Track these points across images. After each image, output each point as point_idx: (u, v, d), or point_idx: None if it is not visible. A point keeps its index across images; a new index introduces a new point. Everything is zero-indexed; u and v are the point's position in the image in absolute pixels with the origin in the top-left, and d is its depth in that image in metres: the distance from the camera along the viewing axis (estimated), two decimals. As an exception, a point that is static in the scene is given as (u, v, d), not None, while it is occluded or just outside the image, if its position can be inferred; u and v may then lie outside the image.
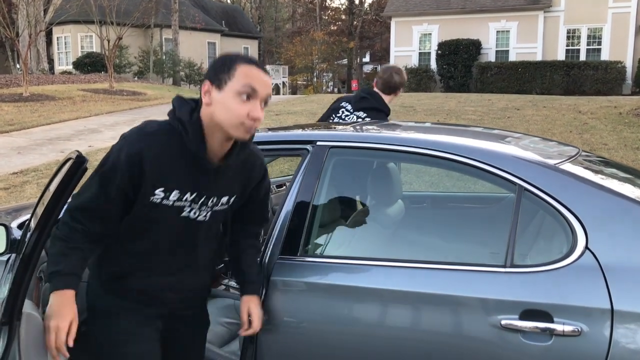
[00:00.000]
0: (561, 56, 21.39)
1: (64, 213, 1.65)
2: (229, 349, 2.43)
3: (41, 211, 1.81)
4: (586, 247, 1.67)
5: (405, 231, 2.64)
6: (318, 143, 2.14)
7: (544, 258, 1.77)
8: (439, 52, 21.87)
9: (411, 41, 23.13)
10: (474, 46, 21.58)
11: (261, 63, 1.60)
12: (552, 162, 1.91)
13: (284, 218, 2.05)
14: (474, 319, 1.70)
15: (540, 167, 1.87)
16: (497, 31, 22.13)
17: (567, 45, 21.59)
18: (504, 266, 1.73)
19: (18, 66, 28.20)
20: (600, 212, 1.73)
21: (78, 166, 1.59)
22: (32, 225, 2.05)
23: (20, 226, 2.55)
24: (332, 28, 44.71)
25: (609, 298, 1.59)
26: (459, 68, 21.50)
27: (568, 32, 21.54)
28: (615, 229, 1.69)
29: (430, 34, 22.99)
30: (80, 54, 27.13)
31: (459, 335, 1.71)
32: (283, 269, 1.98)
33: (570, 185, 1.80)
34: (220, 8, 36.63)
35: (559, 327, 1.60)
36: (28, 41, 18.64)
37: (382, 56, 41.16)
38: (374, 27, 42.55)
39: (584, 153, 2.29)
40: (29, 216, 2.39)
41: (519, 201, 1.80)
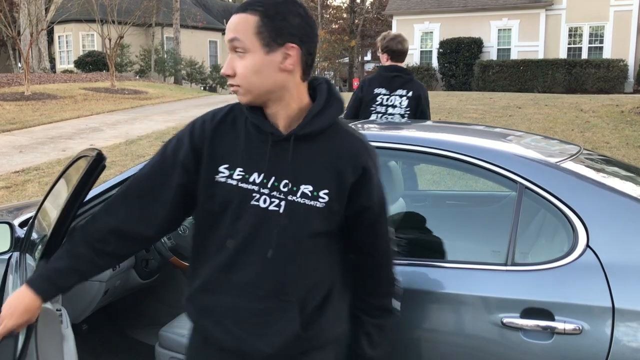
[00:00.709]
0: (563, 54, 21.36)
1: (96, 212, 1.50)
2: None
3: (54, 209, 1.81)
4: (587, 245, 1.67)
5: (406, 230, 2.64)
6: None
7: (545, 256, 1.77)
8: (441, 51, 21.86)
9: (412, 39, 23.09)
10: (476, 44, 21.57)
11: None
12: (554, 161, 1.91)
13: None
14: (475, 317, 1.70)
15: (541, 166, 1.87)
16: (499, 29, 22.11)
17: (569, 43, 21.56)
18: (505, 264, 1.73)
19: (20, 65, 28.24)
20: (601, 210, 1.73)
21: (97, 164, 1.57)
22: (44, 224, 2.05)
23: (22, 224, 2.56)
24: (334, 26, 44.70)
25: (610, 296, 1.59)
26: (461, 66, 21.49)
27: (570, 30, 21.51)
28: (616, 227, 1.69)
29: (431, 33, 22.97)
30: (81, 53, 27.17)
31: (460, 333, 1.72)
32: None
33: (571, 183, 1.80)
34: (221, 6, 36.62)
35: (560, 326, 1.60)
36: (29, 40, 18.67)
37: (384, 54, 41.12)
38: (376, 26, 42.53)
39: (586, 151, 2.28)
40: (33, 214, 2.39)
41: (520, 199, 1.80)
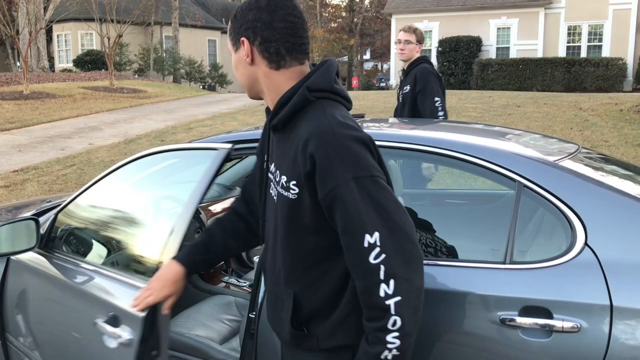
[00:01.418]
0: (562, 53, 21.37)
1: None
2: (230, 346, 2.44)
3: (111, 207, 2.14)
4: (585, 244, 1.68)
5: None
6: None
7: (544, 254, 1.77)
8: (440, 49, 21.86)
9: (412, 38, 23.06)
10: (475, 43, 21.58)
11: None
12: (552, 159, 1.92)
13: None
14: (474, 315, 1.70)
15: (540, 164, 1.87)
16: (498, 28, 22.11)
17: (568, 42, 21.57)
18: (504, 263, 1.73)
19: (18, 64, 28.22)
20: (599, 209, 1.73)
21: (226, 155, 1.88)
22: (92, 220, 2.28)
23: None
24: (333, 25, 44.68)
25: (608, 294, 1.59)
26: (460, 65, 21.50)
27: (569, 29, 21.51)
28: (614, 226, 1.70)
29: (430, 31, 22.96)
30: (80, 52, 27.14)
31: (459, 331, 1.72)
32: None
33: (570, 182, 1.80)
34: (220, 5, 36.59)
35: (558, 324, 1.60)
36: (28, 39, 18.65)
37: (383, 53, 41.13)
38: (375, 25, 42.52)
39: (584, 150, 2.29)
40: (57, 208, 2.37)
41: (519, 198, 1.80)
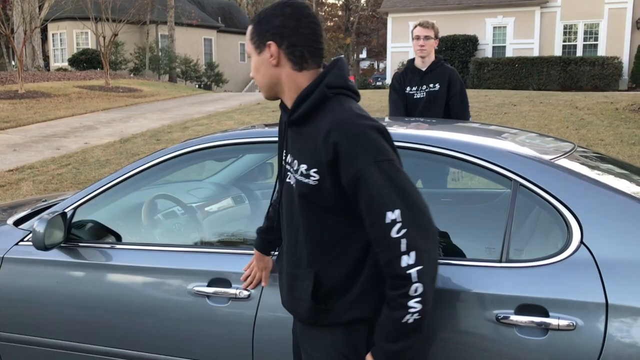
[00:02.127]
0: (558, 52, 21.41)
1: None
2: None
3: None
4: (581, 242, 1.68)
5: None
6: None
7: (540, 253, 1.78)
8: (436, 48, 21.82)
9: (408, 37, 23.06)
10: (471, 42, 21.59)
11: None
12: (548, 158, 1.92)
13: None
14: (470, 314, 1.70)
15: (535, 163, 1.87)
16: (494, 27, 22.14)
17: (564, 41, 21.61)
18: (500, 261, 1.74)
19: (13, 63, 28.10)
20: (595, 207, 1.73)
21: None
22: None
23: (16, 223, 2.54)
24: (329, 24, 44.67)
25: (604, 292, 1.60)
26: (456, 64, 21.50)
27: (565, 28, 21.55)
28: (610, 224, 1.70)
29: (426, 30, 22.95)
30: (75, 51, 27.04)
31: (455, 329, 1.72)
32: (275, 265, 1.98)
33: (565, 180, 1.81)
34: (216, 4, 36.52)
35: (554, 322, 1.61)
36: (23, 38, 18.58)
37: (379, 52, 41.15)
38: (371, 23, 42.53)
39: (580, 148, 2.29)
40: (70, 207, 2.35)
41: (515, 196, 1.81)
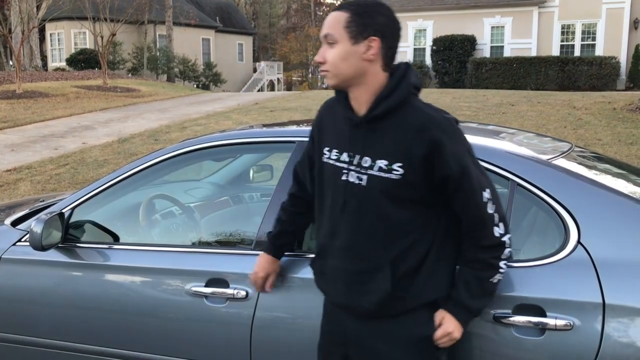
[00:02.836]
0: (556, 52, 21.43)
1: None
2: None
3: None
4: (578, 242, 1.69)
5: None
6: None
7: (537, 253, 1.78)
8: (434, 48, 21.88)
9: (406, 37, 23.10)
10: (469, 42, 21.60)
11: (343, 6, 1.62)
12: (545, 158, 1.92)
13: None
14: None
15: (533, 163, 1.88)
16: (492, 27, 22.14)
17: (562, 40, 21.63)
18: (497, 261, 1.74)
19: (11, 63, 28.05)
20: (592, 207, 1.74)
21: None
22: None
23: (14, 223, 2.54)
24: (327, 24, 44.58)
25: (601, 292, 1.60)
26: (454, 64, 21.53)
27: (562, 28, 21.58)
28: (607, 224, 1.71)
29: (424, 30, 22.98)
30: (73, 51, 26.98)
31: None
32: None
33: (563, 180, 1.81)
34: (214, 4, 36.49)
35: (552, 322, 1.61)
36: (21, 38, 18.53)
37: (377, 52, 41.10)
38: (369, 23, 42.45)
39: (578, 148, 2.30)
40: (67, 206, 2.35)
41: (512, 196, 1.81)
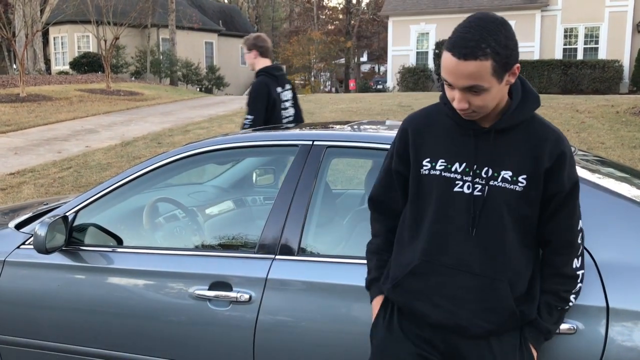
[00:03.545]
0: (558, 55, 21.43)
1: None
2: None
3: None
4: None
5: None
6: (316, 143, 2.15)
7: (541, 257, 1.77)
8: (437, 52, 21.89)
9: (408, 40, 23.14)
10: (472, 45, 21.60)
11: (464, 41, 1.37)
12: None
13: (281, 217, 2.05)
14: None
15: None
16: (495, 30, 22.13)
17: (565, 44, 21.63)
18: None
19: (15, 66, 28.15)
20: (596, 211, 1.73)
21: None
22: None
23: (18, 226, 2.54)
24: (330, 27, 44.73)
25: (605, 296, 1.60)
26: (457, 67, 21.53)
27: (565, 31, 21.58)
28: (611, 228, 1.70)
29: (427, 33, 23.00)
30: (77, 54, 27.06)
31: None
32: (280, 268, 1.98)
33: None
34: (217, 8, 36.58)
35: (555, 326, 1.61)
36: (24, 41, 18.60)
37: (380, 55, 41.18)
38: (372, 27, 42.57)
39: (581, 152, 2.30)
40: (72, 208, 2.36)
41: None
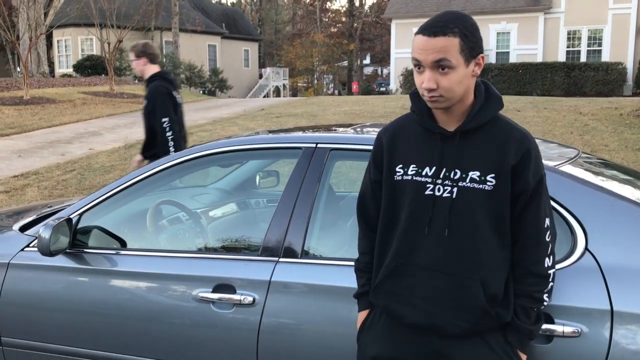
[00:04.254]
0: (562, 57, 21.41)
1: None
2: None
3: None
4: (586, 249, 1.68)
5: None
6: (319, 145, 2.15)
7: (544, 259, 1.77)
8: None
9: (411, 43, 23.13)
10: (474, 48, 21.60)
11: (434, 22, 1.50)
12: (552, 164, 1.92)
13: (284, 220, 2.06)
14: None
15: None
16: (498, 33, 22.15)
17: (568, 46, 21.62)
18: (505, 268, 1.73)
19: (19, 69, 28.25)
20: (600, 214, 1.73)
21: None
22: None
23: (22, 229, 2.55)
24: (333, 30, 44.80)
25: (609, 299, 1.59)
26: (459, 70, 21.53)
27: (568, 34, 21.56)
28: (615, 231, 1.70)
29: (430, 36, 22.97)
30: (80, 57, 27.16)
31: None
32: (284, 271, 1.98)
33: (570, 186, 1.81)
34: (220, 10, 36.68)
35: (559, 328, 1.61)
36: (28, 44, 18.67)
37: (383, 58, 41.19)
38: (374, 29, 42.63)
39: (584, 155, 2.30)
40: (73, 211, 2.37)
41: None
